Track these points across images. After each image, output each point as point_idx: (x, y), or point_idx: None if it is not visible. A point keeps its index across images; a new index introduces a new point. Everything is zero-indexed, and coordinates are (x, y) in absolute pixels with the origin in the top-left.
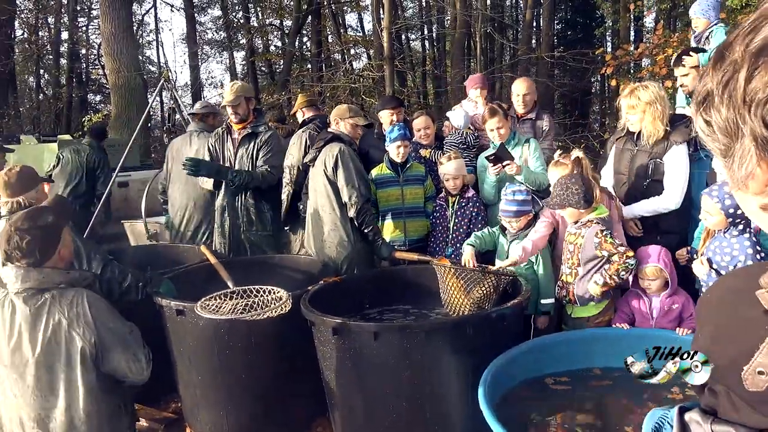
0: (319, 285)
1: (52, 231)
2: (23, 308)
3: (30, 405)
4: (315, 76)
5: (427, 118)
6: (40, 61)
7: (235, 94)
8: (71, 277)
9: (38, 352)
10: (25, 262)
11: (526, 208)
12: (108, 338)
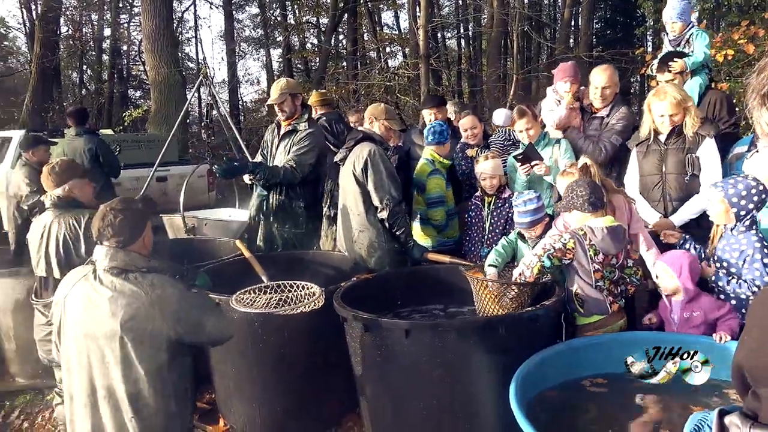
0: (351, 281)
1: (140, 217)
2: (109, 284)
3: (104, 375)
4: (350, 73)
5: (474, 118)
6: (84, 57)
7: (279, 92)
8: (152, 264)
9: (118, 327)
10: (115, 241)
11: (540, 215)
12: (193, 314)
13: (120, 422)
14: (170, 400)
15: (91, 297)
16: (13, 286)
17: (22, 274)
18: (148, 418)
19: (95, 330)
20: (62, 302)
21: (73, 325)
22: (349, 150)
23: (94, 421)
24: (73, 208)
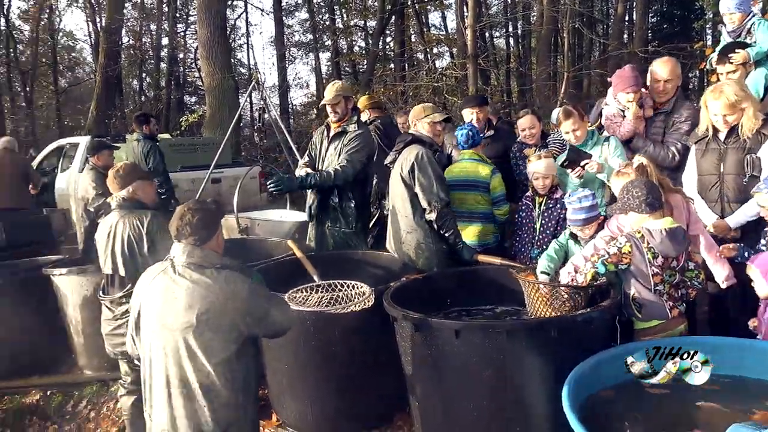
0: (401, 281)
1: (215, 217)
2: (187, 278)
3: (179, 366)
4: (398, 75)
5: (532, 118)
6: (143, 66)
7: (334, 93)
8: (224, 261)
9: (194, 319)
10: (192, 239)
11: (594, 214)
12: (261, 307)
13: (193, 412)
14: (239, 392)
15: (169, 290)
16: (82, 282)
17: (90, 271)
18: (219, 408)
19: (172, 322)
20: (141, 296)
21: (151, 317)
22: (398, 153)
23: (170, 411)
24: (137, 208)
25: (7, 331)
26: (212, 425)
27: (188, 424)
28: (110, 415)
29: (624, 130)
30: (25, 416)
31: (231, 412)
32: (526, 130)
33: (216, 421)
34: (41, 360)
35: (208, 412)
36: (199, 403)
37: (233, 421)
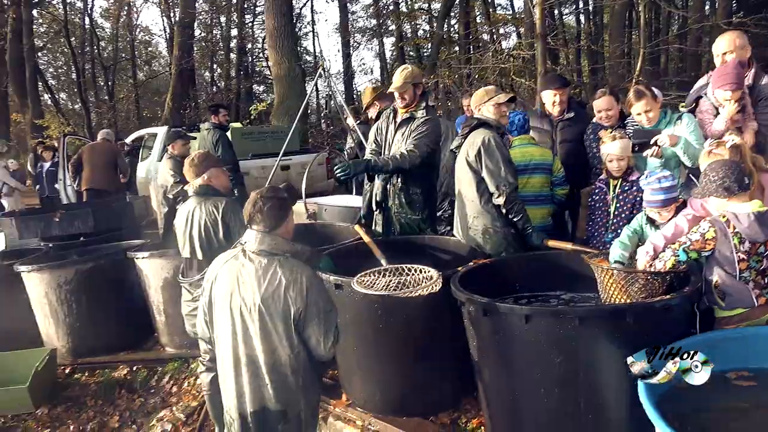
0: (468, 266)
1: (285, 204)
2: (256, 264)
3: (247, 345)
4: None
5: (610, 99)
6: (214, 57)
7: (403, 80)
8: (295, 248)
9: (260, 301)
10: (263, 226)
11: (674, 195)
12: (312, 311)
13: (258, 389)
14: (301, 373)
15: (239, 274)
16: (162, 266)
17: (169, 255)
18: (281, 387)
19: (241, 303)
20: (213, 279)
21: (222, 298)
22: (464, 137)
23: (237, 387)
24: (212, 195)
25: (98, 311)
26: (275, 402)
27: (253, 399)
28: (191, 390)
29: (715, 129)
30: (115, 389)
31: (292, 392)
32: (603, 112)
33: (278, 399)
34: (128, 338)
35: (272, 390)
36: (263, 381)
37: (293, 401)
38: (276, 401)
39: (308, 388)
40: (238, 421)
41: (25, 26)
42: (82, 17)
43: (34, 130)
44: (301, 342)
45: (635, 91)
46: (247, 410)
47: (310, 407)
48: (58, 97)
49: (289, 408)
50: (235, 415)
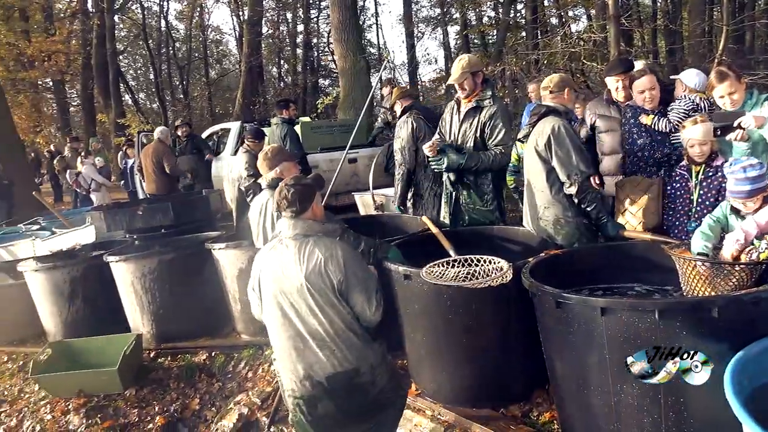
0: (539, 257)
1: (309, 190)
2: (293, 248)
3: (304, 322)
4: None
5: (651, 78)
6: (281, 53)
7: (461, 71)
8: (326, 227)
9: (305, 280)
10: (290, 212)
11: (761, 185)
12: (352, 280)
13: (326, 358)
14: (360, 330)
15: (280, 260)
16: (238, 256)
17: (243, 246)
18: (349, 348)
19: (288, 286)
20: (260, 266)
21: (270, 283)
22: (532, 126)
23: (305, 364)
24: None
25: (179, 299)
26: (346, 364)
27: (323, 368)
28: (265, 376)
29: None
30: (195, 373)
31: (359, 350)
32: (645, 93)
33: (348, 360)
34: (207, 324)
35: (340, 354)
36: (330, 349)
37: (362, 356)
38: (347, 362)
39: (371, 342)
40: (311, 390)
41: (108, 32)
42: (158, 20)
43: (117, 129)
44: (350, 308)
45: (717, 73)
46: (321, 378)
47: (377, 356)
48: (137, 97)
49: (360, 364)
50: (304, 388)
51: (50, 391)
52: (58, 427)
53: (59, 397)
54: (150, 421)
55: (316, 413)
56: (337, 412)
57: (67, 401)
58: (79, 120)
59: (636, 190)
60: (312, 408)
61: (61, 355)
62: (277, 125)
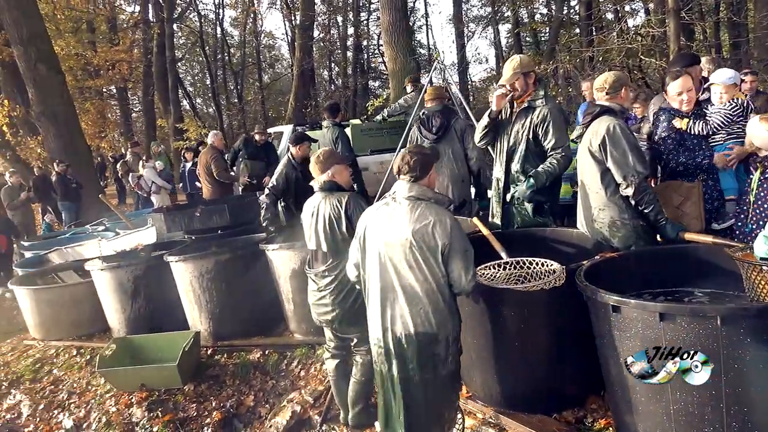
0: (594, 260)
1: (428, 159)
2: (406, 207)
3: (400, 274)
4: (584, 40)
5: (687, 79)
6: (331, 57)
7: (512, 71)
8: (438, 196)
9: (411, 236)
10: (409, 176)
11: None
12: (455, 247)
13: (412, 314)
14: (448, 299)
15: (391, 215)
16: (291, 257)
17: (296, 247)
18: (434, 311)
19: (394, 239)
20: (366, 223)
21: (376, 237)
22: (586, 126)
23: (392, 314)
24: (336, 190)
25: (235, 298)
26: (427, 325)
27: (406, 323)
28: (317, 375)
29: None
30: (250, 370)
31: (443, 316)
32: (683, 94)
33: (430, 322)
34: (261, 323)
35: (424, 314)
36: (417, 306)
37: (443, 324)
38: (429, 324)
39: (453, 314)
40: (391, 344)
41: (168, 40)
42: (214, 27)
43: (176, 134)
44: (447, 274)
45: None
46: (401, 333)
47: (454, 331)
48: (195, 102)
49: (440, 330)
50: (386, 340)
51: (115, 385)
52: (122, 419)
53: (123, 391)
54: (207, 415)
55: (392, 370)
56: (406, 378)
57: (131, 395)
58: (140, 125)
59: (675, 195)
60: (388, 362)
61: (124, 350)
62: (329, 128)
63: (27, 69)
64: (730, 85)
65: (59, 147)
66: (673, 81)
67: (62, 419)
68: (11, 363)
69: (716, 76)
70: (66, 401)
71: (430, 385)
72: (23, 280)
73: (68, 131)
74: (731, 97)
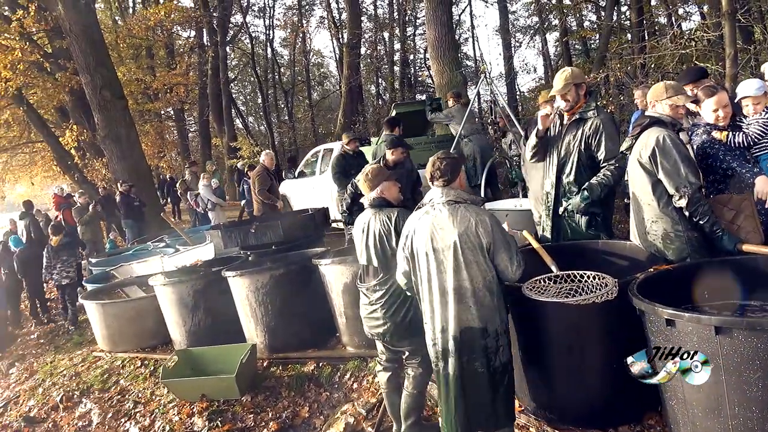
0: (647, 273)
1: (457, 163)
2: (446, 211)
3: (450, 277)
4: (636, 47)
5: (722, 95)
6: (378, 72)
7: (564, 82)
8: (473, 197)
9: (457, 239)
10: (442, 181)
11: None
12: (498, 240)
13: (463, 311)
14: (495, 294)
15: (434, 222)
16: (342, 272)
17: (348, 262)
18: (482, 307)
19: (441, 244)
20: (412, 233)
21: (423, 244)
22: (635, 138)
23: (445, 314)
24: (385, 206)
25: (289, 311)
26: (477, 321)
27: (459, 321)
28: (370, 387)
29: None
30: (304, 382)
31: (490, 311)
32: (719, 110)
33: (480, 318)
34: (314, 336)
35: (475, 311)
36: (468, 304)
37: (491, 318)
38: (479, 320)
39: (501, 308)
40: (446, 342)
41: (222, 63)
42: (265, 48)
43: (230, 152)
44: (493, 268)
45: None
46: (454, 331)
47: (503, 324)
48: (247, 120)
49: (488, 324)
50: (442, 340)
51: (177, 395)
52: (185, 428)
53: (185, 400)
54: (264, 426)
55: (447, 367)
56: (461, 373)
57: (192, 404)
58: (196, 144)
59: (726, 209)
60: (445, 360)
61: (185, 361)
62: (384, 142)
63: (93, 95)
64: (761, 95)
65: (122, 168)
66: (708, 98)
67: (129, 427)
68: (82, 373)
69: (743, 89)
70: (132, 410)
71: (483, 376)
72: (92, 295)
73: (131, 153)
74: (764, 106)
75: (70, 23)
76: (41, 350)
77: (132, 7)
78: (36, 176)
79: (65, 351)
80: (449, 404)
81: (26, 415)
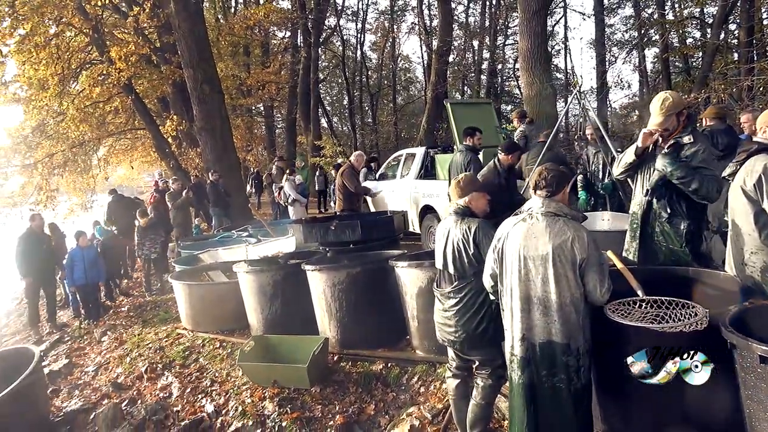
0: (743, 306)
1: (564, 177)
2: (545, 223)
3: (538, 287)
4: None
5: None
6: (464, 80)
7: (664, 116)
8: (573, 212)
9: (551, 251)
10: (545, 192)
11: None
12: (592, 261)
13: (547, 324)
14: (581, 313)
15: (530, 230)
16: (418, 275)
17: (424, 266)
18: (567, 323)
19: (534, 254)
20: (504, 237)
21: (514, 251)
22: (740, 164)
23: (527, 323)
24: (468, 216)
25: (362, 310)
26: (561, 336)
27: (541, 333)
28: (436, 393)
29: None
30: (372, 380)
31: (575, 328)
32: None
33: (563, 333)
34: (385, 336)
35: (559, 325)
36: (553, 318)
37: (575, 336)
38: (562, 335)
39: (585, 327)
40: (525, 351)
41: (313, 63)
42: (355, 51)
43: (314, 150)
44: (581, 286)
45: None
46: (535, 342)
47: (586, 344)
48: (332, 120)
49: (571, 341)
50: (520, 348)
51: (251, 378)
52: (256, 410)
53: (258, 384)
54: (331, 418)
55: (523, 377)
56: (537, 383)
57: (264, 389)
58: (282, 141)
59: None
60: (522, 370)
61: (261, 347)
62: (462, 152)
63: (194, 89)
64: None
65: (214, 158)
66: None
67: (205, 404)
68: (165, 348)
69: None
70: (209, 388)
71: (561, 393)
72: (179, 276)
73: (223, 145)
74: None
75: (179, 21)
76: (130, 322)
77: (234, 7)
78: (135, 161)
79: (151, 325)
80: (520, 416)
81: (114, 381)
